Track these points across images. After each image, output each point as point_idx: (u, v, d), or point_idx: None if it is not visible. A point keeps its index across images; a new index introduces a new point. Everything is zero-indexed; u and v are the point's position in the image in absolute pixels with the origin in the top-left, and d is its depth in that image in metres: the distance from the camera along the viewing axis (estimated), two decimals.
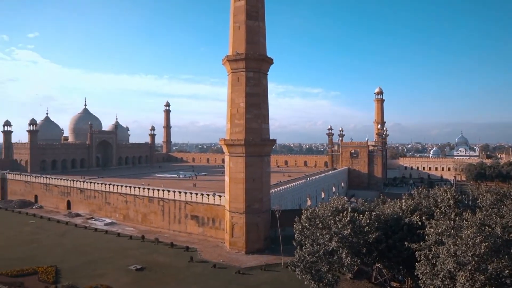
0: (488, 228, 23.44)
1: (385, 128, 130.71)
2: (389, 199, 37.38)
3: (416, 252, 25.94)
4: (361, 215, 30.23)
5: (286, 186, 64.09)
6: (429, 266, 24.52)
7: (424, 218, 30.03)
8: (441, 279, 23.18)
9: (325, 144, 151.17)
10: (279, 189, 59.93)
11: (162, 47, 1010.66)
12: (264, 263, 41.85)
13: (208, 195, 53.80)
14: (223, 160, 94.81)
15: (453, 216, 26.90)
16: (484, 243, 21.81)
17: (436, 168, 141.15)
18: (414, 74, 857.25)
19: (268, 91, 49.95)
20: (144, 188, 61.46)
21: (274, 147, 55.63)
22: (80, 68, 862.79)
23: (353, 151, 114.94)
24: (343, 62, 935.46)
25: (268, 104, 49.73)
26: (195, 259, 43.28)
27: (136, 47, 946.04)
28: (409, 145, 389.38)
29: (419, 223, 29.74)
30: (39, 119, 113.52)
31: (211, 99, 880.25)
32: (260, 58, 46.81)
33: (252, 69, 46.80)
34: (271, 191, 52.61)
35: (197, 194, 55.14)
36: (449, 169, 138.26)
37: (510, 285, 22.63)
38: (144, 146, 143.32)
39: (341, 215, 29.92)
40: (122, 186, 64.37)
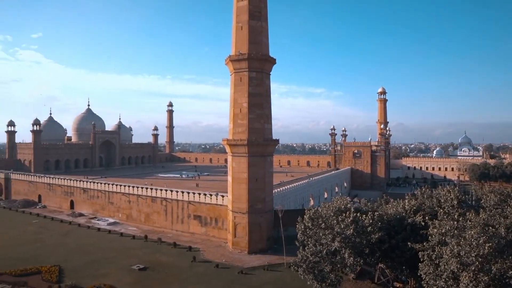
0: (492, 228, 23.32)
1: (388, 128, 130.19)
2: (392, 199, 37.21)
3: (419, 253, 25.77)
4: (364, 215, 30.10)
5: (288, 186, 64.04)
6: (433, 266, 24.37)
7: (427, 218, 29.85)
8: (444, 279, 23.04)
9: (328, 144, 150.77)
10: (281, 189, 59.90)
11: (164, 47, 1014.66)
12: (267, 263, 41.84)
13: (211, 195, 53.85)
14: (226, 160, 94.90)
15: (457, 217, 26.79)
16: (488, 243, 21.68)
17: (440, 168, 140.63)
18: (416, 74, 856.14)
19: (270, 91, 49.91)
20: (147, 188, 61.61)
21: (277, 147, 55.56)
22: (83, 68, 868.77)
23: (356, 151, 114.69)
24: (344, 62, 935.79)
25: (271, 104, 49.72)
26: (198, 259, 43.34)
27: (139, 47, 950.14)
28: (412, 145, 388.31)
29: (422, 223, 29.56)
30: (42, 119, 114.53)
31: (214, 99, 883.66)
32: (262, 58, 46.78)
33: (254, 69, 46.76)
34: (273, 191, 52.57)
35: (200, 194, 55.21)
36: (452, 169, 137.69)
37: None
38: (147, 146, 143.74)
39: (344, 215, 29.85)
40: (125, 186, 64.56)
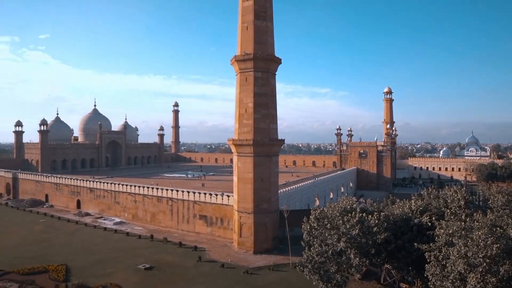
0: (499, 229, 23.10)
1: (394, 128, 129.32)
2: (398, 200, 36.95)
3: (426, 253, 25.56)
4: (369, 216, 29.95)
5: (294, 186, 63.92)
6: (439, 267, 24.16)
7: (434, 218, 29.61)
8: (451, 280, 22.84)
9: (334, 144, 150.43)
10: (287, 189, 59.80)
11: (170, 47, 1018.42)
12: (272, 263, 41.80)
13: (217, 195, 53.93)
14: (232, 160, 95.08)
15: (464, 217, 26.55)
16: (496, 244, 21.48)
17: (446, 169, 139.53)
18: (422, 73, 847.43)
19: (276, 91, 49.87)
20: (153, 188, 61.89)
21: (282, 147, 55.52)
22: (90, 69, 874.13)
23: (361, 151, 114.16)
24: (349, 62, 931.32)
25: (276, 104, 49.68)
26: (203, 258, 43.42)
27: (145, 47, 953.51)
28: (419, 145, 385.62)
29: (429, 223, 29.34)
30: (50, 119, 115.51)
31: (219, 99, 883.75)
32: (268, 58, 46.76)
33: (260, 69, 46.76)
34: (279, 191, 52.52)
35: (205, 194, 55.32)
36: (459, 169, 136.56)
37: None
38: (153, 146, 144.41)
39: (350, 215, 29.72)
40: (131, 185, 64.89)
